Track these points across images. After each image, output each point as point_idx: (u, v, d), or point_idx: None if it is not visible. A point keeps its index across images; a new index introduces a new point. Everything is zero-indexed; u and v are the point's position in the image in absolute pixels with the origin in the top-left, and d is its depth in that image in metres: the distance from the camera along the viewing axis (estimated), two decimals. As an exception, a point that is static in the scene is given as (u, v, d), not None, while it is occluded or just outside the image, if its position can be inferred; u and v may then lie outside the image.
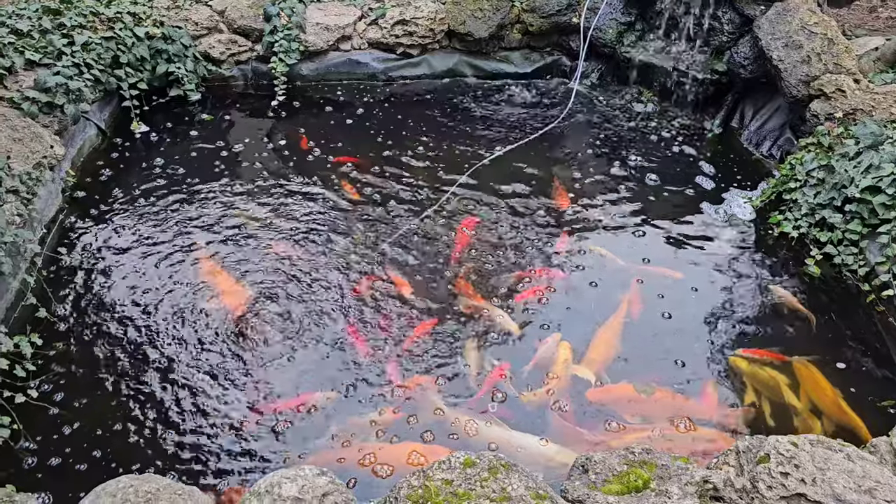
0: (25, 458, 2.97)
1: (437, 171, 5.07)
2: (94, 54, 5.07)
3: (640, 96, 6.07)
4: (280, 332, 3.67)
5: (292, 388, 3.38)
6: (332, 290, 3.94)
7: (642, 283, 4.06)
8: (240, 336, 3.63)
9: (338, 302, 3.87)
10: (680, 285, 4.10)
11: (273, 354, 3.54)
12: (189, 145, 5.29)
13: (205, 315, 3.76)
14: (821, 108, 4.71)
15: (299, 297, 3.89)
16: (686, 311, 3.91)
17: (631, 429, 3.25)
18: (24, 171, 4.00)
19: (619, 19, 6.06)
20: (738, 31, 5.53)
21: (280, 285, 3.97)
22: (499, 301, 3.92)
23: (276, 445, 3.11)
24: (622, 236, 4.51)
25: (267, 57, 5.94)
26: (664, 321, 3.83)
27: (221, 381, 3.39)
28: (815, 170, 4.35)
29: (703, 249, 4.40)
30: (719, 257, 4.32)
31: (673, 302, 3.96)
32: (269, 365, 3.49)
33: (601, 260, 4.26)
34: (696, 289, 4.07)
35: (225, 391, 3.34)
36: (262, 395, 3.33)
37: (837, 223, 4.12)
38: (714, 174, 5.13)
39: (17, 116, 4.34)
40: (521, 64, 6.46)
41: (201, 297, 3.88)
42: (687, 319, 3.85)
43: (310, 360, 3.53)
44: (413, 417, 3.25)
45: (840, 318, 3.89)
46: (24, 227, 3.86)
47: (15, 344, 3.29)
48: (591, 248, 4.32)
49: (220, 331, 3.66)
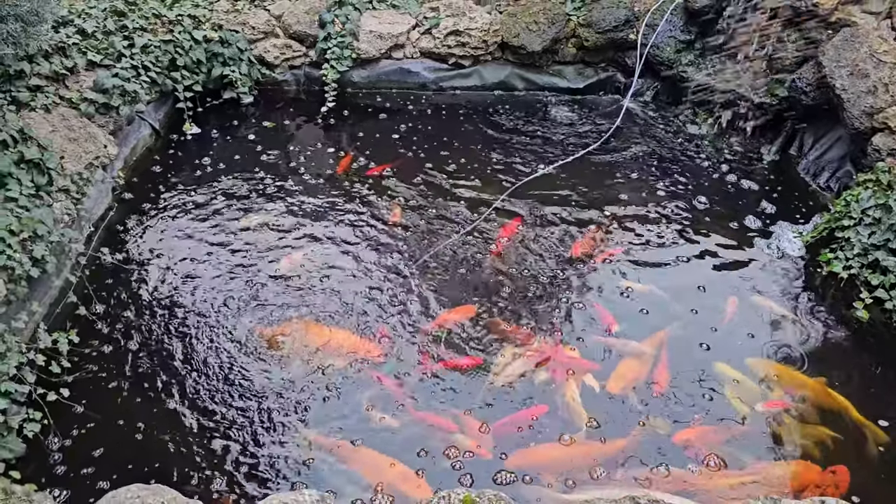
0: (52, 454, 3.08)
1: (479, 186, 5.04)
2: (152, 56, 5.24)
3: (695, 117, 5.89)
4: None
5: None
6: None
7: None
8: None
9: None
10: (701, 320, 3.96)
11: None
12: (239, 148, 5.41)
13: (246, 323, 3.82)
14: (883, 143, 4.47)
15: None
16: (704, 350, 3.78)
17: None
18: (75, 171, 4.16)
19: (679, 37, 5.90)
20: (802, 56, 5.29)
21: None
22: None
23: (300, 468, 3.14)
24: (660, 265, 4.39)
25: (319, 63, 6.02)
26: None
27: (252, 394, 3.44)
28: (872, 208, 4.13)
29: (745, 282, 4.24)
30: (763, 294, 4.16)
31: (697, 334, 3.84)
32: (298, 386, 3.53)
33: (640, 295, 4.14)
34: (715, 329, 3.91)
35: (253, 404, 3.39)
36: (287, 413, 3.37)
37: (891, 266, 3.90)
38: (767, 205, 4.93)
39: (74, 116, 4.51)
40: (574, 79, 6.36)
41: (243, 303, 3.95)
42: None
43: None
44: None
45: (887, 368, 3.70)
46: (72, 226, 4.01)
47: (53, 340, 3.42)
48: (628, 285, 4.19)
49: (257, 344, 3.71)
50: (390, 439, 3.20)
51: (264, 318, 3.85)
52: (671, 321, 3.92)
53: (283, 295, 4.01)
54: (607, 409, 3.39)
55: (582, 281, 4.21)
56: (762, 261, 4.43)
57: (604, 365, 3.65)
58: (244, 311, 3.90)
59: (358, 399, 3.39)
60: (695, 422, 3.33)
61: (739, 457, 3.17)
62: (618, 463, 3.13)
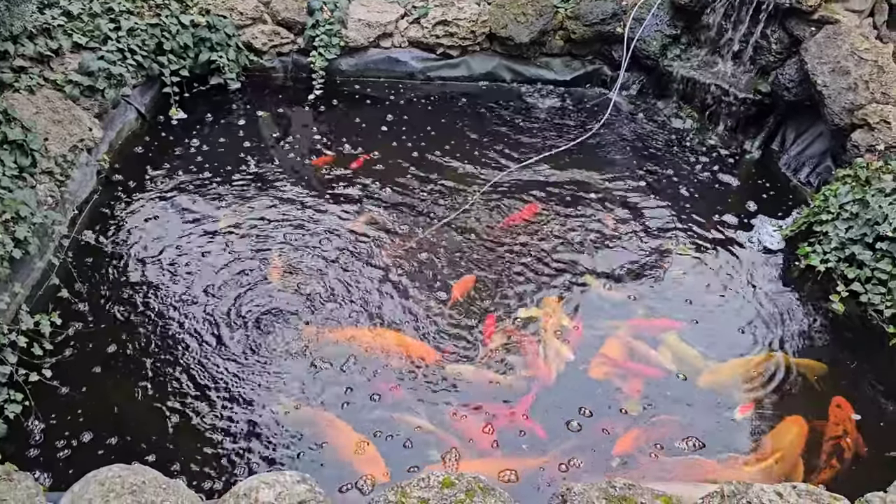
0: (34, 435, 3.09)
1: (464, 175, 5.07)
2: (138, 40, 5.21)
3: (680, 111, 5.94)
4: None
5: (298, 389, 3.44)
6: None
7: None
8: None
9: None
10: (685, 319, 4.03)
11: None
12: (226, 133, 5.40)
13: (227, 306, 3.84)
14: (862, 139, 4.54)
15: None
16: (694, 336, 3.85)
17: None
18: (59, 154, 4.14)
19: (665, 31, 5.95)
20: (785, 52, 5.36)
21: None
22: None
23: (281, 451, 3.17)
24: (640, 254, 4.44)
25: (307, 50, 6.01)
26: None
27: (233, 373, 3.47)
28: (850, 203, 4.20)
29: (725, 275, 4.30)
30: (740, 286, 4.22)
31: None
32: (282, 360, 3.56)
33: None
34: (697, 321, 3.98)
35: (236, 385, 3.41)
36: (272, 391, 3.40)
37: (867, 260, 3.98)
38: (747, 199, 5.00)
39: (59, 99, 4.48)
40: (561, 71, 6.39)
41: (227, 285, 3.96)
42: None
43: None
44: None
45: (860, 360, 3.77)
46: (56, 209, 4.00)
47: (35, 322, 3.42)
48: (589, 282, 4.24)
49: (239, 324, 3.73)
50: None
51: (248, 301, 3.87)
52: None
53: (266, 276, 4.05)
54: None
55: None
56: (742, 254, 4.49)
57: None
58: (227, 292, 3.92)
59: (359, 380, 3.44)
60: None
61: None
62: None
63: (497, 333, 3.78)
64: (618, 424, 3.34)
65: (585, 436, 3.28)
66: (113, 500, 2.28)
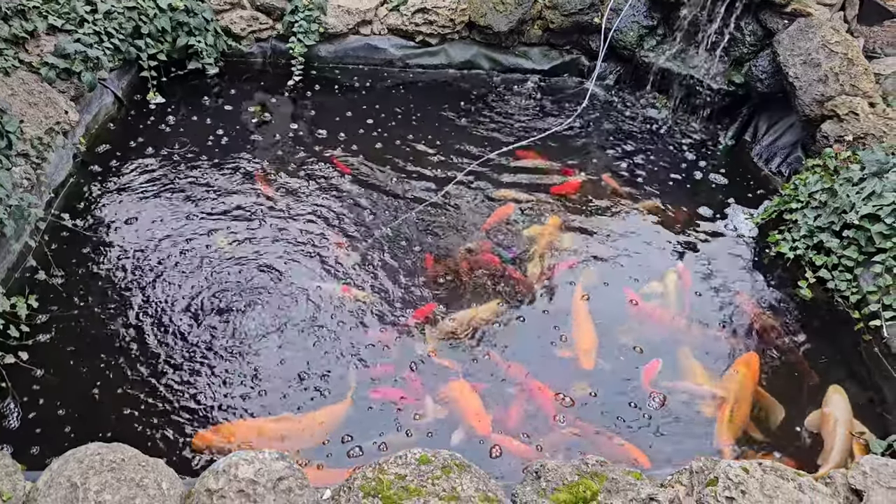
0: (10, 417, 3.09)
1: (442, 163, 5.11)
2: (115, 23, 5.16)
3: (656, 102, 6.03)
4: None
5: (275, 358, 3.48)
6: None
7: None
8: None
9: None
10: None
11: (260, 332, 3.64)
12: (203, 119, 5.38)
13: (201, 289, 3.85)
14: (832, 130, 4.65)
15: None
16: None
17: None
18: (35, 136, 4.11)
19: (642, 22, 6.01)
20: (759, 44, 5.46)
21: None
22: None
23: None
24: (616, 241, 4.52)
25: (286, 36, 5.99)
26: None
27: (206, 356, 3.49)
28: (818, 192, 4.31)
29: (700, 262, 4.40)
30: (712, 270, 4.33)
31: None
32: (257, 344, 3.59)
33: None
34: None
35: (212, 366, 3.44)
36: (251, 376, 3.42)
37: (834, 248, 4.09)
38: (721, 188, 5.10)
39: (34, 81, 4.45)
40: (539, 60, 6.44)
41: (202, 269, 3.97)
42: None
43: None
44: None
45: (827, 345, 3.88)
46: (32, 191, 3.97)
47: (12, 305, 3.41)
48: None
49: (212, 307, 3.75)
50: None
51: (222, 285, 3.89)
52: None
53: (239, 262, 4.07)
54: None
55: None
56: (714, 242, 4.59)
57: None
58: (202, 276, 3.94)
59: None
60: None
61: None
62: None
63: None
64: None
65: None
66: (93, 478, 2.30)
